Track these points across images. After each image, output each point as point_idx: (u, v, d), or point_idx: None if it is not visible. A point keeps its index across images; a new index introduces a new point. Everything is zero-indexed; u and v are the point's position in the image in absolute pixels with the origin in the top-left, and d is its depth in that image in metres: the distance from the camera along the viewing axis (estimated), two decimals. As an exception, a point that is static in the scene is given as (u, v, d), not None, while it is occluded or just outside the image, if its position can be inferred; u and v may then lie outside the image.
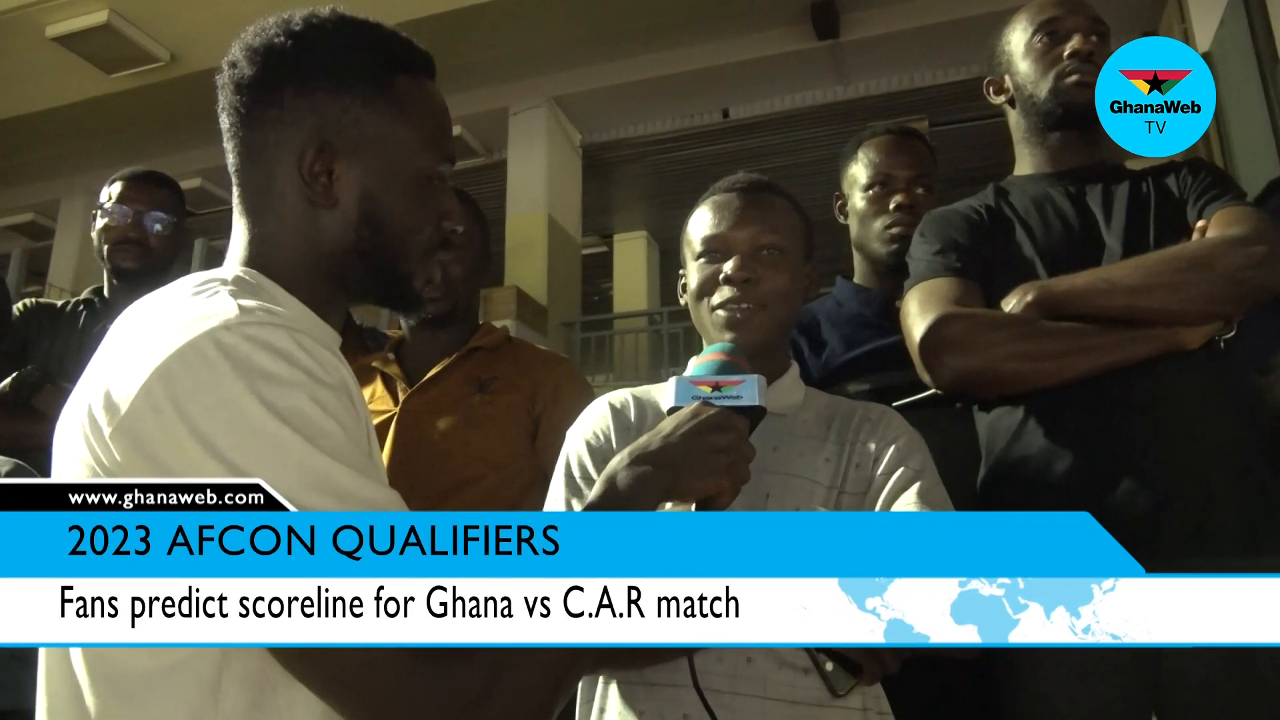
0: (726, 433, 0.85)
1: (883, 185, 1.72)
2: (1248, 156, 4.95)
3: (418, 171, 0.82)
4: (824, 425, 1.15)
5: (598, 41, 6.65)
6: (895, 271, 1.70)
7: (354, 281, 0.83)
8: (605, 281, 10.38)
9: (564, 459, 1.16)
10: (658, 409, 1.17)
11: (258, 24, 0.82)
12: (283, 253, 0.81)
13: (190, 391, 0.65)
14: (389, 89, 0.81)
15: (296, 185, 0.80)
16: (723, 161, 7.79)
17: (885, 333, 1.65)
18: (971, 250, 1.35)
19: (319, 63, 0.80)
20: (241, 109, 0.81)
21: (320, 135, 0.79)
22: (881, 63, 6.76)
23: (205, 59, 6.45)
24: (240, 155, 0.82)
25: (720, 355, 0.97)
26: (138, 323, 0.73)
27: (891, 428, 1.14)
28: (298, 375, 0.67)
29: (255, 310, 0.70)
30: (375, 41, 0.83)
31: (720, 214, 1.17)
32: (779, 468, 1.10)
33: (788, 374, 1.19)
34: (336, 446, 0.67)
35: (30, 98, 6.95)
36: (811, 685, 1.00)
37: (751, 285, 1.12)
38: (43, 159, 7.83)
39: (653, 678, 1.03)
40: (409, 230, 0.82)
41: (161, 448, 0.65)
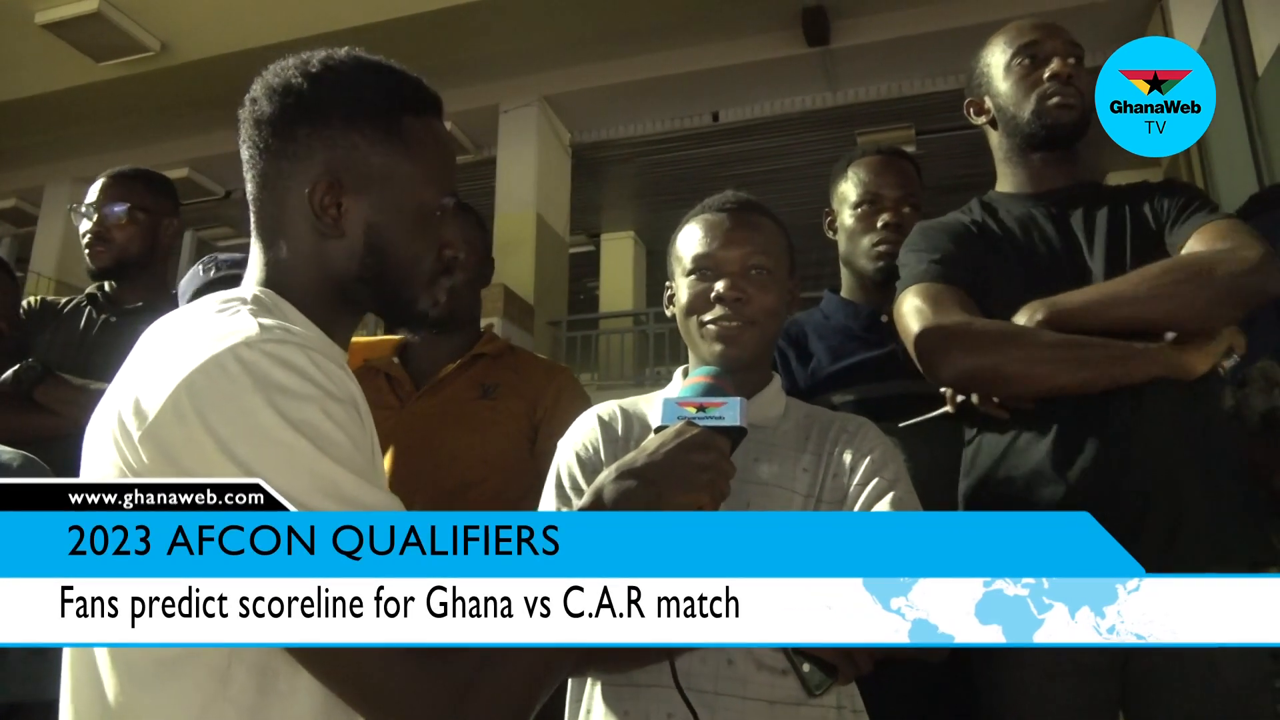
0: (708, 451, 0.91)
1: (871, 204, 1.77)
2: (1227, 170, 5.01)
3: (420, 205, 0.88)
4: (803, 436, 1.19)
5: (590, 41, 6.65)
6: (882, 287, 1.74)
7: (360, 303, 0.89)
8: (592, 281, 10.36)
9: (554, 470, 1.20)
10: (644, 421, 1.21)
11: (279, 64, 0.87)
12: (294, 276, 0.86)
13: (213, 402, 0.70)
14: (396, 129, 0.87)
15: (307, 216, 0.85)
16: (712, 164, 7.80)
17: (871, 345, 1.69)
18: (964, 262, 1.37)
19: (332, 103, 0.85)
20: (259, 143, 0.86)
21: (330, 171, 0.84)
22: (871, 70, 6.79)
23: (195, 50, 6.39)
24: (257, 185, 0.88)
25: (706, 379, 1.04)
26: (165, 337, 0.79)
27: (867, 439, 1.17)
28: (310, 389, 0.72)
29: (274, 329, 0.76)
30: (386, 84, 0.89)
31: (711, 233, 1.20)
32: (759, 478, 1.14)
33: (770, 386, 1.23)
34: (344, 455, 0.72)
35: (18, 84, 6.86)
36: (789, 685, 1.04)
37: (742, 304, 1.16)
38: (28, 145, 7.73)
39: (639, 679, 1.06)
40: (411, 260, 0.88)
41: (184, 453, 0.69)
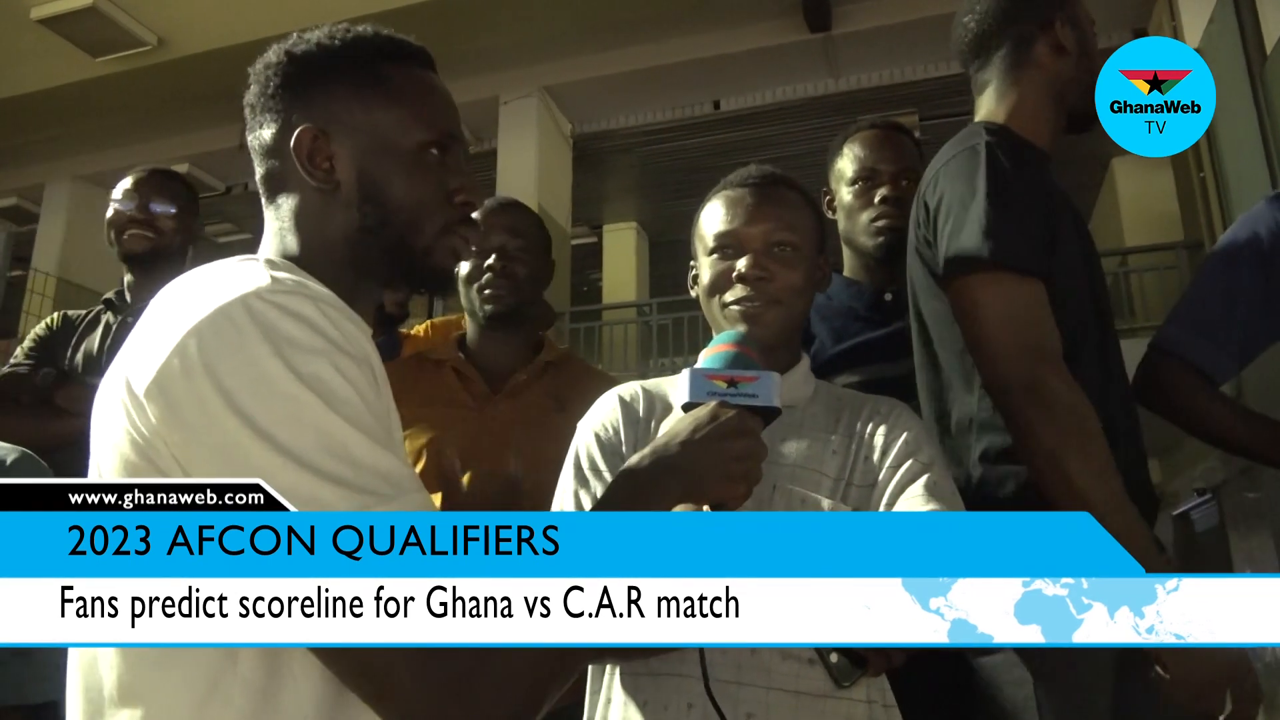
0: (745, 437, 0.86)
1: (868, 179, 1.73)
2: (1235, 154, 4.98)
3: (413, 146, 0.86)
4: (832, 418, 1.15)
5: (589, 31, 6.63)
6: (883, 264, 1.72)
7: (371, 263, 0.87)
8: (594, 272, 10.36)
9: (573, 451, 1.17)
10: (667, 402, 1.17)
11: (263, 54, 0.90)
12: (302, 240, 0.86)
13: (219, 352, 0.68)
14: (374, 75, 0.87)
15: (302, 176, 0.85)
16: (713, 153, 7.77)
17: (874, 325, 1.66)
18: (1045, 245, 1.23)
19: (311, 65, 0.87)
20: (253, 124, 0.88)
21: (315, 126, 0.85)
22: (873, 56, 6.77)
23: (192, 44, 6.37)
24: (258, 163, 0.89)
25: (731, 346, 0.94)
26: (174, 296, 0.77)
27: (900, 421, 1.13)
28: (320, 343, 0.70)
29: (286, 281, 0.74)
30: (362, 38, 0.90)
31: (733, 210, 1.16)
32: (787, 459, 1.10)
33: (798, 367, 1.19)
34: (354, 414, 0.69)
35: (14, 80, 6.85)
36: (816, 676, 1.00)
37: (765, 282, 1.12)
38: (27, 143, 7.72)
39: (659, 668, 1.03)
40: (412, 204, 0.86)
41: (189, 406, 0.68)
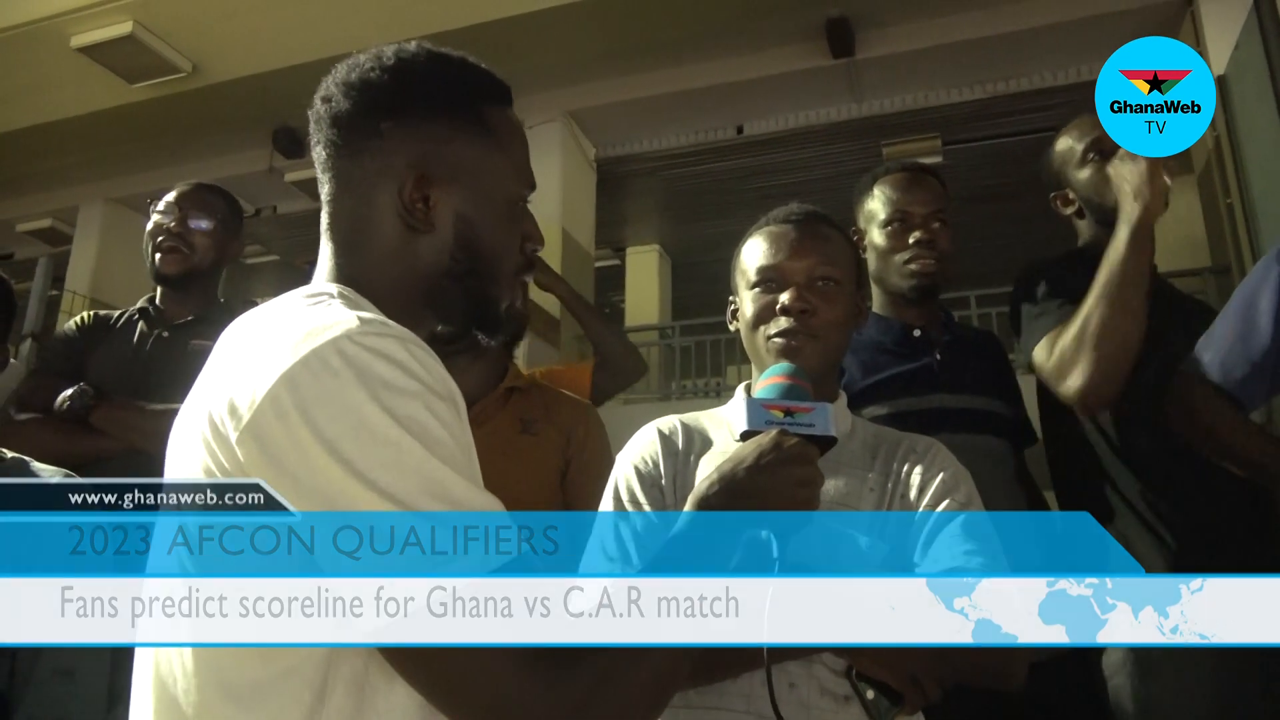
0: (807, 465, 0.88)
1: (901, 221, 1.77)
2: (1263, 179, 4.91)
3: (507, 196, 0.87)
4: (869, 454, 1.16)
5: (614, 57, 6.68)
6: (915, 304, 1.74)
7: (445, 304, 0.86)
8: (617, 294, 10.38)
9: (613, 483, 1.19)
10: (706, 436, 1.20)
11: (350, 60, 0.86)
12: (378, 274, 0.84)
13: (315, 398, 0.68)
14: (480, 119, 0.86)
15: (395, 211, 0.83)
16: (736, 176, 7.79)
17: (903, 360, 1.68)
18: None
19: (413, 95, 0.84)
20: (338, 141, 0.85)
21: (418, 164, 0.83)
22: (896, 81, 6.75)
23: (227, 70, 6.50)
24: (336, 184, 0.86)
25: (785, 378, 0.99)
26: (254, 332, 0.76)
27: (937, 459, 1.15)
28: (414, 385, 0.70)
29: (374, 321, 0.74)
30: (463, 74, 0.88)
31: (776, 245, 1.19)
32: (825, 495, 1.10)
33: (837, 402, 1.21)
34: (449, 455, 0.69)
35: (54, 106, 7.01)
36: (853, 713, 1.00)
37: (808, 316, 1.14)
38: (63, 166, 7.89)
39: (696, 701, 1.03)
40: (500, 253, 0.86)
41: (286, 451, 0.66)
